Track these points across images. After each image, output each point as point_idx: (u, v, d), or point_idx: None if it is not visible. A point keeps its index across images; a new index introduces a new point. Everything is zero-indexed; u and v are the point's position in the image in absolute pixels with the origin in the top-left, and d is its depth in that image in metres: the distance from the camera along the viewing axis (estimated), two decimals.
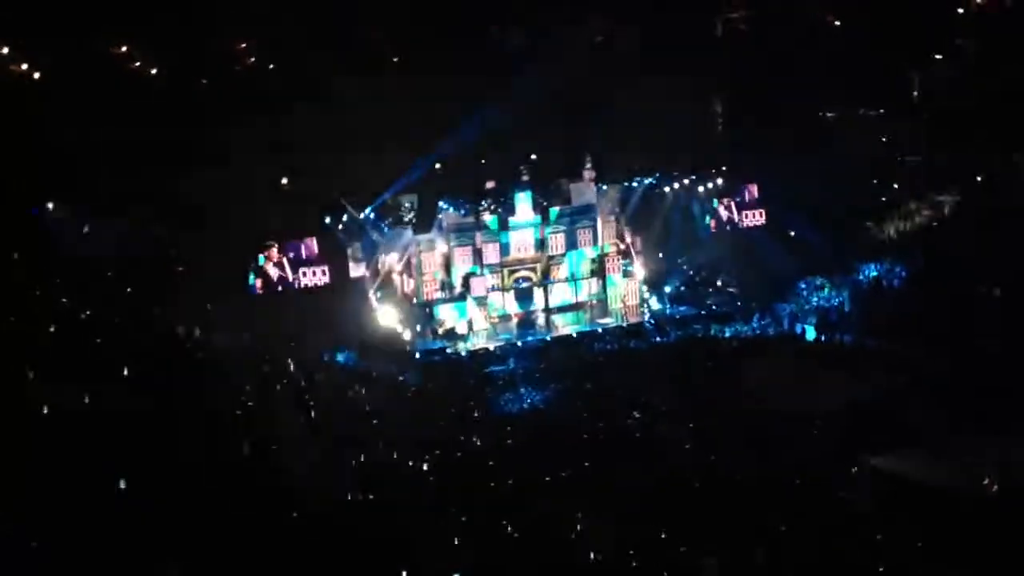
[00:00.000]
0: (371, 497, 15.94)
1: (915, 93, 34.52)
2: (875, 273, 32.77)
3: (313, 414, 20.22)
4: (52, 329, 17.76)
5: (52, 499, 11.21)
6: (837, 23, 33.88)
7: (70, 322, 19.20)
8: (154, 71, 28.89)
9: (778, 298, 32.46)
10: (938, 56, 33.76)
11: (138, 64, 29.02)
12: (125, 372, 16.89)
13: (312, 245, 30.34)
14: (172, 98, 27.43)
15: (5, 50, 25.96)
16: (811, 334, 30.27)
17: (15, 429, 12.60)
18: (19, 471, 11.53)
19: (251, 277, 29.43)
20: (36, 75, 26.57)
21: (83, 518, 11.13)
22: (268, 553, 11.85)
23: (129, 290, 22.98)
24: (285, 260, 29.96)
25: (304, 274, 30.10)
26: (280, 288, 29.72)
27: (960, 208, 33.56)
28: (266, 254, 29.67)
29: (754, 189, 35.43)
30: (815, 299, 32.46)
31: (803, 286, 33.01)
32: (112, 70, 27.99)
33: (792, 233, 34.89)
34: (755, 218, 35.57)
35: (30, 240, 21.22)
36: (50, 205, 23.98)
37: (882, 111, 34.88)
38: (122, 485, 12.15)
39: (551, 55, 30.08)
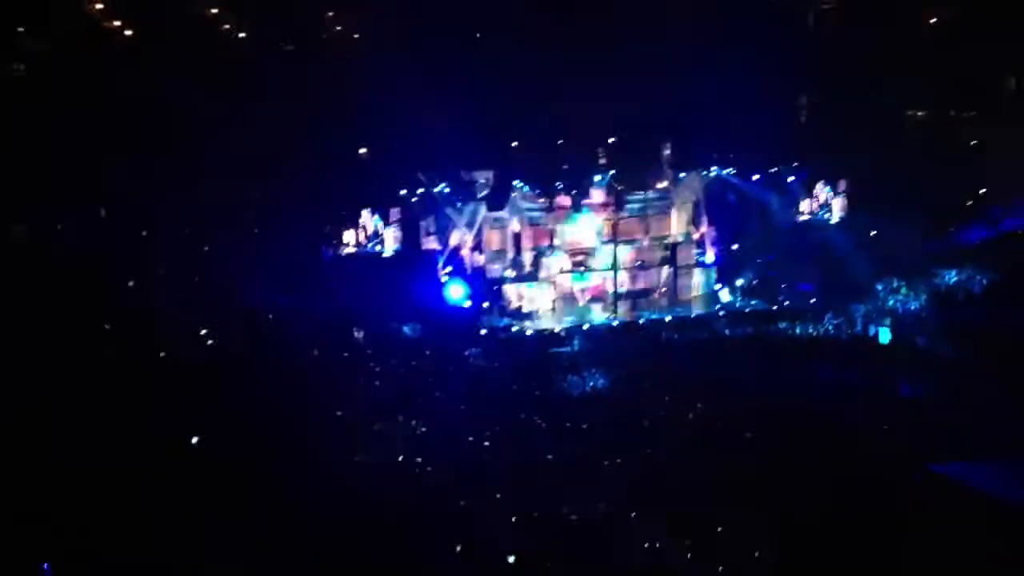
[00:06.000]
0: (428, 469, 16.06)
1: (1010, 96, 33.47)
2: (956, 278, 32.00)
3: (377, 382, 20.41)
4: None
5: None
6: (932, 21, 32.97)
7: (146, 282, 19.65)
8: (242, 35, 29.41)
9: (853, 298, 31.80)
10: None
11: (227, 27, 29.56)
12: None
13: (387, 215, 30.76)
14: (258, 61, 27.86)
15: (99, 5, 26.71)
16: (884, 337, 29.66)
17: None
18: None
19: (326, 243, 29.89)
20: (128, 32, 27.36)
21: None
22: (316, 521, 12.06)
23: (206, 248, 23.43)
24: (360, 229, 30.45)
25: (378, 243, 30.57)
26: (353, 255, 30.18)
27: None
28: (341, 222, 30.14)
29: (836, 186, 34.81)
30: (891, 301, 31.80)
31: (880, 287, 32.36)
32: (203, 32, 28.53)
33: (872, 233, 34.19)
34: (835, 215, 34.98)
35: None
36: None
37: (974, 113, 33.93)
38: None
39: (635, 38, 29.75)
